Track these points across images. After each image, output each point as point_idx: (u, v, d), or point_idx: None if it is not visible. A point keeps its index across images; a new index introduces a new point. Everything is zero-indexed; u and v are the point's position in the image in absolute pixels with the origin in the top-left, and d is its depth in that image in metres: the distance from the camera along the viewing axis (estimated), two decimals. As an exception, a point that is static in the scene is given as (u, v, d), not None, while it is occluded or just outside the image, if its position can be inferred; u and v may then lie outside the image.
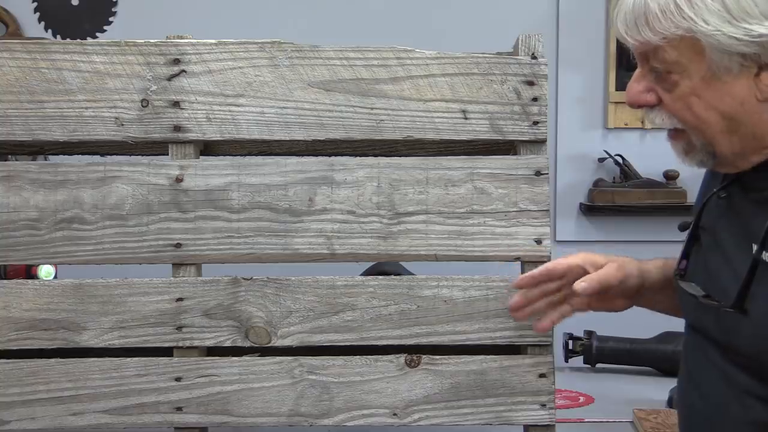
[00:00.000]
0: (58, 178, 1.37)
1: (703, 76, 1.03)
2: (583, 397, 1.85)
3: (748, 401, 1.06)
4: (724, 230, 1.12)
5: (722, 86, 1.02)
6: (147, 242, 1.37)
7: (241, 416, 1.37)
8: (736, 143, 1.05)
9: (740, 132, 1.04)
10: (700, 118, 1.05)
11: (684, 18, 1.00)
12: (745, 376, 1.06)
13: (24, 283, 1.38)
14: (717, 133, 1.05)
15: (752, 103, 1.02)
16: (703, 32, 1.00)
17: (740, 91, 1.02)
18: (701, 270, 1.14)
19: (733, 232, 1.10)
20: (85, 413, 1.37)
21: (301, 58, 1.38)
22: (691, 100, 1.05)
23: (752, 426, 1.05)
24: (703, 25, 0.99)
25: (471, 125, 1.38)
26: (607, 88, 2.82)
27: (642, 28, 1.04)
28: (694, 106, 1.05)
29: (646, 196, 2.73)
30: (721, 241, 1.12)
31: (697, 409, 1.15)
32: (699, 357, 1.15)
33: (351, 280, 1.38)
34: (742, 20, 0.98)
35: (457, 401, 1.37)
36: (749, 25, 0.98)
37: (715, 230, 1.14)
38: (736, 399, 1.07)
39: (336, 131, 1.38)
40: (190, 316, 1.37)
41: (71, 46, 1.38)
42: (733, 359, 1.08)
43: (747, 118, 1.03)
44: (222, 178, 1.38)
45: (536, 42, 1.38)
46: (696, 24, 1.00)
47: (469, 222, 1.37)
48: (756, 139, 1.04)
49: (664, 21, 1.01)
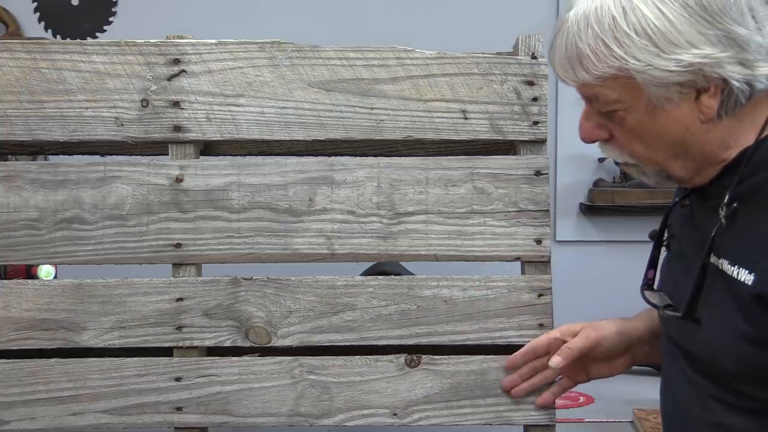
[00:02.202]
0: (58, 178, 1.37)
1: (645, 109, 1.04)
2: (583, 397, 1.85)
3: (710, 404, 1.07)
4: (686, 239, 1.14)
5: (666, 115, 1.04)
6: (147, 242, 1.37)
7: (241, 416, 1.37)
8: (689, 164, 1.07)
9: (690, 154, 1.06)
10: (651, 148, 1.07)
11: (615, 57, 1.01)
12: (706, 381, 1.08)
13: (24, 283, 1.38)
14: (668, 159, 1.08)
15: (697, 126, 1.04)
16: (635, 69, 1.01)
17: (684, 117, 1.03)
18: (669, 278, 1.17)
19: (693, 240, 1.11)
20: (85, 413, 1.37)
21: (301, 58, 1.38)
22: (640, 133, 1.07)
23: (716, 428, 1.06)
24: (635, 63, 1.01)
25: (471, 125, 1.38)
26: (607, 88, 2.82)
27: (577, 70, 1.05)
28: (644, 138, 1.07)
29: (646, 196, 2.73)
30: (684, 249, 1.14)
31: (671, 412, 1.17)
32: (669, 362, 1.17)
33: (351, 280, 1.38)
34: (670, 52, 0.99)
35: (457, 401, 1.37)
36: (678, 55, 0.99)
37: (680, 239, 1.16)
38: (699, 403, 1.09)
39: (336, 131, 1.38)
40: (190, 316, 1.37)
41: (71, 46, 1.38)
42: (693, 365, 1.10)
43: (695, 139, 1.05)
44: (222, 178, 1.38)
45: (536, 42, 1.38)
46: (627, 62, 1.01)
47: (469, 222, 1.37)
48: (707, 156, 1.06)
49: (596, 62, 1.03)
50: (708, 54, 0.99)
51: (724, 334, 1.02)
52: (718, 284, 1.03)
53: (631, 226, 2.73)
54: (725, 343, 1.02)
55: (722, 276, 1.02)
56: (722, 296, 1.02)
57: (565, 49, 1.06)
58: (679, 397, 1.13)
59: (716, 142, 1.05)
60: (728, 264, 1.01)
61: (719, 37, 0.99)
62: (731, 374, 1.03)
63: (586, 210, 2.77)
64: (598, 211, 2.75)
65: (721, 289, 1.02)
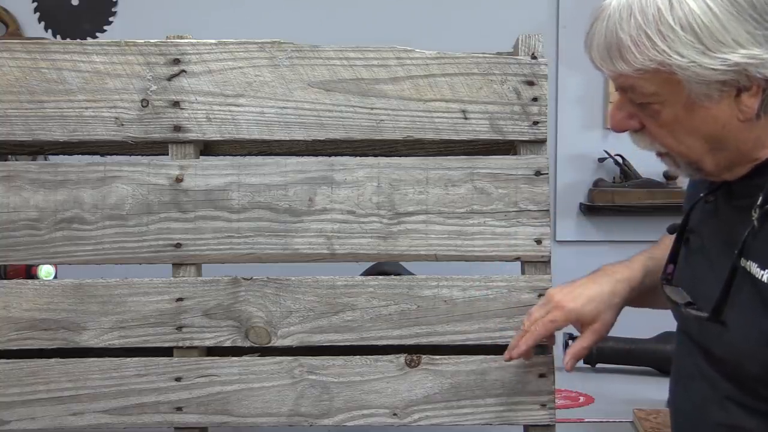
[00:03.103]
0: (58, 178, 1.37)
1: (683, 104, 1.01)
2: (583, 397, 1.85)
3: (728, 405, 1.06)
4: (709, 235, 1.12)
5: (704, 112, 1.01)
6: (147, 242, 1.37)
7: (241, 416, 1.37)
8: (721, 160, 1.05)
9: (725, 150, 1.04)
10: (684, 143, 1.05)
11: (657, 51, 0.98)
12: (726, 382, 1.07)
13: (24, 283, 1.38)
14: (702, 154, 1.05)
15: (734, 124, 1.01)
16: (678, 65, 0.98)
17: (722, 115, 1.01)
18: (689, 273, 1.15)
19: (718, 237, 1.10)
20: (85, 413, 1.37)
21: (301, 58, 1.38)
22: (674, 127, 1.04)
23: (731, 429, 1.06)
24: (678, 58, 0.97)
25: (471, 125, 1.38)
26: (606, 88, 2.82)
27: (615, 61, 1.02)
28: (677, 132, 1.04)
29: (646, 196, 2.73)
30: (707, 245, 1.12)
31: (684, 410, 1.16)
32: (686, 359, 1.16)
33: (351, 280, 1.38)
34: (716, 50, 0.96)
35: (457, 401, 1.37)
36: (724, 54, 0.96)
37: (701, 234, 1.14)
38: (716, 403, 1.08)
39: (336, 131, 1.38)
40: (190, 316, 1.37)
41: (71, 46, 1.38)
42: (714, 365, 1.09)
43: (730, 137, 1.02)
44: (222, 178, 1.38)
45: (536, 42, 1.38)
46: (670, 57, 0.98)
47: (469, 222, 1.37)
48: (741, 153, 1.04)
49: (637, 54, 0.99)
50: (755, 55, 0.96)
51: (751, 338, 1.00)
52: (746, 286, 1.01)
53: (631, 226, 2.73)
54: (752, 347, 1.00)
55: (750, 278, 1.00)
56: (750, 299, 1.01)
57: (605, 37, 1.02)
58: (694, 395, 1.12)
59: (751, 141, 1.03)
60: (757, 267, 1.00)
61: (767, 37, 0.96)
62: (755, 378, 1.02)
63: (586, 210, 2.78)
64: (598, 211, 2.75)
65: (748, 292, 1.01)
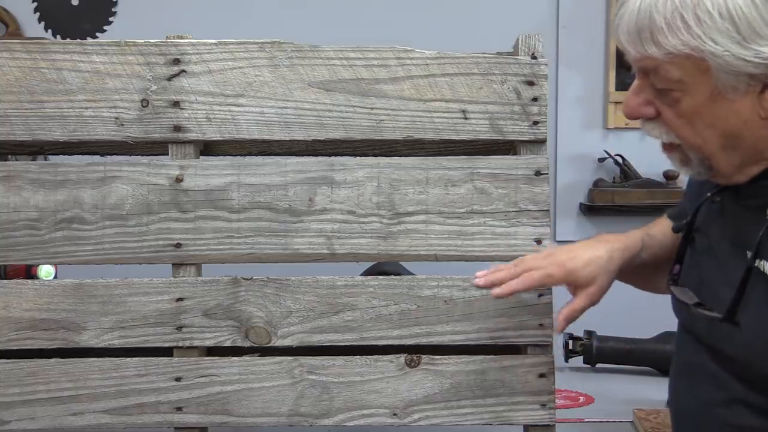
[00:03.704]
0: (58, 178, 1.37)
1: (708, 95, 0.99)
2: (583, 397, 1.85)
3: (737, 405, 1.06)
4: (717, 235, 1.11)
5: (727, 105, 0.99)
6: (147, 242, 1.37)
7: (241, 416, 1.37)
8: (735, 158, 1.03)
9: (741, 148, 1.02)
10: (700, 136, 1.02)
11: (692, 36, 0.95)
12: (736, 382, 1.06)
13: (24, 283, 1.38)
14: (716, 150, 1.03)
15: (755, 121, 0.99)
16: (711, 52, 0.95)
17: (744, 110, 0.99)
18: (695, 273, 1.14)
19: (727, 237, 1.08)
20: (85, 413, 1.37)
21: (301, 58, 1.38)
22: (692, 118, 1.01)
23: (739, 430, 1.06)
24: (712, 45, 0.95)
25: (471, 125, 1.38)
26: (606, 88, 2.82)
27: (646, 43, 0.99)
28: (696, 124, 1.02)
29: (646, 196, 2.73)
30: (714, 245, 1.11)
31: (688, 411, 1.15)
32: (691, 358, 1.15)
33: (351, 280, 1.38)
34: (752, 41, 0.94)
35: (457, 401, 1.37)
36: (759, 46, 0.94)
37: (708, 234, 1.13)
38: (724, 403, 1.07)
39: (336, 131, 1.38)
40: (190, 316, 1.37)
41: (71, 46, 1.38)
42: (724, 365, 1.08)
43: (749, 134, 1.00)
44: (222, 178, 1.38)
45: (536, 42, 1.38)
46: (704, 43, 0.95)
47: (469, 222, 1.37)
48: (757, 152, 1.02)
49: (670, 37, 0.96)
50: None
51: (765, 338, 1.00)
52: (759, 286, 1.00)
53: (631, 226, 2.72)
54: (765, 347, 1.00)
55: (764, 278, 1.00)
56: (764, 299, 1.00)
57: (637, 18, 0.98)
58: (701, 396, 1.11)
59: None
60: None
61: None
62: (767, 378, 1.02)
63: (586, 210, 2.78)
64: (598, 211, 2.76)
65: (762, 292, 1.00)
